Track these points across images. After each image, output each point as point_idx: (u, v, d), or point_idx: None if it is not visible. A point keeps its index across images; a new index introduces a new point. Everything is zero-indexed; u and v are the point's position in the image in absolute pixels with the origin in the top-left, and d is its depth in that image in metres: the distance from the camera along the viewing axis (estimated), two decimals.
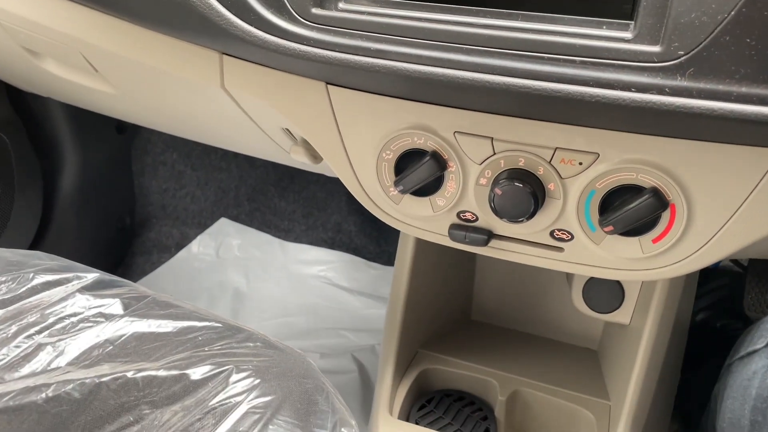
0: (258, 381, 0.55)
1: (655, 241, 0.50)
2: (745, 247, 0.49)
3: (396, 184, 0.55)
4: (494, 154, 0.52)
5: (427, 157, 0.53)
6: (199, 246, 1.42)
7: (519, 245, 0.56)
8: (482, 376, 0.76)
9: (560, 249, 0.54)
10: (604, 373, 0.80)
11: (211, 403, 0.53)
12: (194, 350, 0.57)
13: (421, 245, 0.78)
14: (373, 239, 1.37)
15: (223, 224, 1.44)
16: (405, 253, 0.78)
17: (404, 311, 0.77)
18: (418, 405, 0.75)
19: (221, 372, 0.54)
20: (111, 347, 0.61)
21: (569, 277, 0.82)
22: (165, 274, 1.38)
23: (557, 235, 0.54)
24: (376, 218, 1.47)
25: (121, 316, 0.65)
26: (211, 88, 0.60)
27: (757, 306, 0.89)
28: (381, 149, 0.55)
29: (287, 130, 0.66)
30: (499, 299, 0.97)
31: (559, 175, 0.51)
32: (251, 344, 0.58)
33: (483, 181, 0.53)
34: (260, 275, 1.37)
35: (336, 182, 1.45)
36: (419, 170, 0.54)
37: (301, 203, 1.42)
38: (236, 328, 0.60)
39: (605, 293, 0.74)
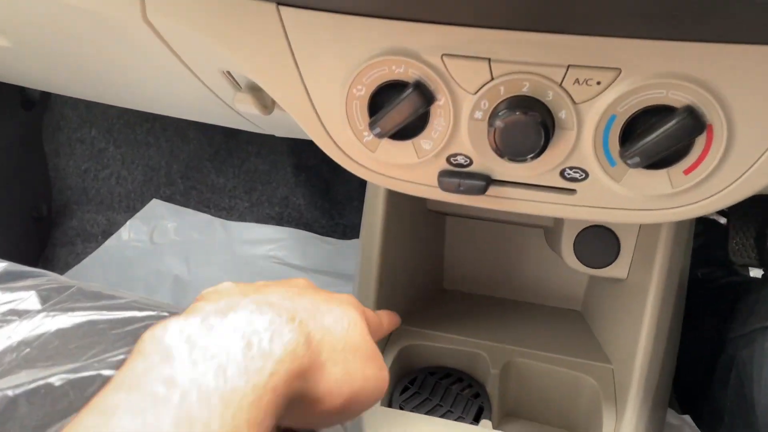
0: None
1: (687, 171, 0.42)
2: None
3: (371, 126, 0.45)
4: (492, 79, 0.42)
5: (409, 90, 0.43)
6: (130, 232, 1.27)
7: (522, 191, 0.47)
8: (469, 348, 0.68)
9: (572, 191, 0.46)
10: (597, 335, 0.74)
11: None
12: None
13: (392, 211, 0.68)
14: (325, 212, 1.27)
15: (156, 206, 1.30)
16: (374, 221, 0.68)
17: (377, 286, 0.67)
18: (400, 387, 0.67)
19: None
20: (28, 350, 0.49)
21: (554, 232, 0.75)
22: (92, 265, 1.23)
23: (569, 174, 0.45)
24: (328, 189, 1.36)
25: (39, 311, 0.53)
26: (131, 26, 0.48)
27: (742, 251, 0.85)
28: (350, 84, 0.45)
29: (228, 73, 0.55)
30: (471, 265, 0.89)
31: (572, 100, 0.42)
32: None
33: (479, 114, 0.44)
34: (202, 260, 1.24)
35: (280, 153, 1.33)
36: (400, 106, 0.44)
37: (241, 178, 1.30)
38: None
39: (600, 246, 0.67)
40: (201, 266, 1.23)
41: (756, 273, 0.92)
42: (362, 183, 1.36)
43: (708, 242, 0.96)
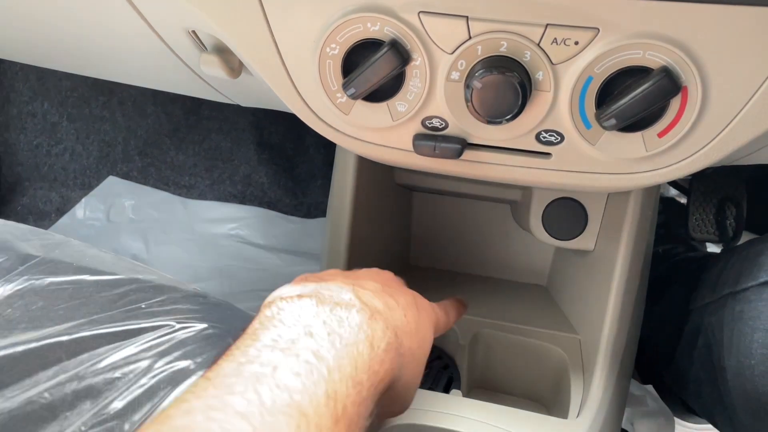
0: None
1: (661, 134, 0.42)
2: (755, 139, 0.42)
3: (345, 87, 0.44)
4: (469, 38, 0.42)
5: (385, 48, 0.42)
6: (86, 210, 1.23)
7: (497, 155, 0.47)
8: None
9: (547, 155, 0.46)
10: (563, 308, 0.74)
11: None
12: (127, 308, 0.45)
13: (361, 186, 0.67)
14: (288, 190, 1.25)
15: (112, 183, 1.25)
16: (343, 196, 0.67)
17: (347, 264, 0.66)
18: None
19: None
20: (9, 310, 0.47)
21: (522, 206, 0.75)
22: None
23: (544, 137, 0.45)
24: (292, 167, 1.33)
25: (18, 273, 0.50)
26: None
27: (702, 227, 0.87)
28: (324, 43, 0.43)
29: (194, 33, 0.52)
30: (438, 241, 0.89)
31: (550, 61, 0.41)
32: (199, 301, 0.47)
33: (455, 75, 0.43)
34: (161, 239, 1.21)
35: (242, 129, 1.30)
36: (375, 66, 0.43)
37: (202, 155, 1.26)
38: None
39: (567, 219, 0.67)
40: (160, 245, 1.20)
41: (714, 249, 0.94)
42: (326, 161, 1.35)
43: (668, 220, 0.98)
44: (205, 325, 0.49)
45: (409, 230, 0.89)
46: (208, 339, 0.48)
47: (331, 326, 0.35)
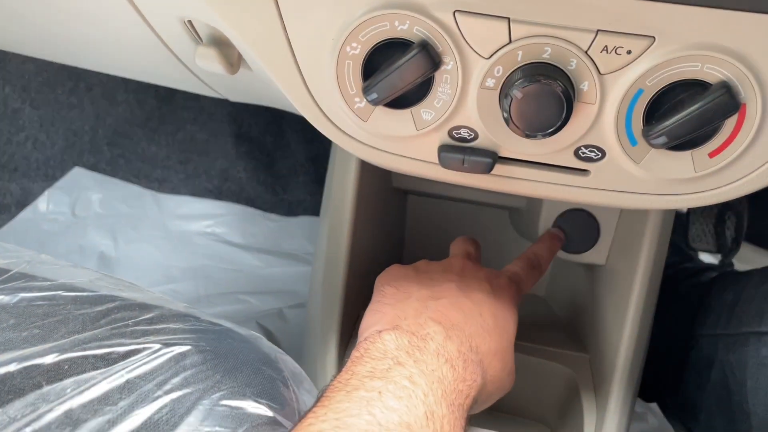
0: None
1: (712, 154, 0.39)
2: None
3: (366, 91, 0.39)
4: (510, 42, 0.37)
5: (415, 51, 0.38)
6: (49, 203, 1.15)
7: (530, 170, 0.43)
8: None
9: (585, 172, 0.42)
10: (565, 321, 0.72)
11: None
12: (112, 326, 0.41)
13: (361, 190, 0.63)
14: (268, 186, 1.19)
15: (78, 175, 1.18)
16: (343, 200, 0.62)
17: (346, 271, 0.62)
18: None
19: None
20: None
21: (526, 215, 0.72)
22: (4, 239, 1.10)
23: (584, 153, 0.41)
24: (272, 162, 1.27)
25: None
26: None
27: (702, 237, 0.85)
28: (344, 41, 0.39)
29: (189, 23, 0.47)
30: (431, 245, 0.85)
31: (598, 70, 0.37)
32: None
33: (491, 82, 0.39)
34: (131, 236, 1.14)
35: (220, 121, 1.23)
36: (402, 69, 0.38)
37: (176, 147, 1.20)
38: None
39: (579, 231, 0.64)
40: (130, 243, 1.13)
41: (710, 258, 0.93)
42: (309, 156, 1.29)
43: None
44: (201, 347, 0.45)
45: (403, 234, 0.85)
46: (205, 363, 0.43)
47: (414, 355, 0.39)
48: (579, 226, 0.64)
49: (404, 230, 0.84)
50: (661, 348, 0.72)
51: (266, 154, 1.21)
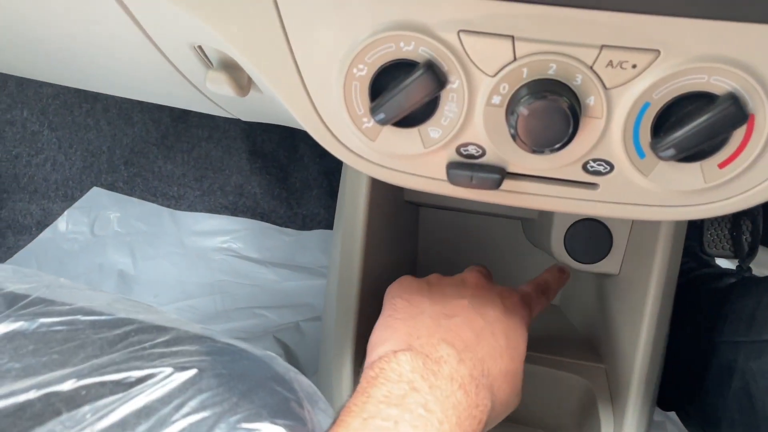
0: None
1: (722, 165, 0.39)
2: None
3: (373, 111, 0.40)
4: (515, 60, 0.38)
5: (420, 71, 0.38)
6: (68, 223, 1.17)
7: (538, 185, 0.43)
8: None
9: (593, 186, 0.42)
10: (581, 330, 0.71)
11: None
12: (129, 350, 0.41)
13: (373, 204, 0.63)
14: (282, 201, 1.20)
15: (96, 195, 1.20)
16: (355, 214, 0.62)
17: (360, 285, 0.62)
18: None
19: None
20: None
21: (538, 226, 0.72)
22: (25, 260, 1.12)
23: (592, 167, 0.41)
24: (286, 176, 1.28)
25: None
26: None
27: (717, 243, 0.84)
28: (351, 63, 0.39)
29: (199, 49, 0.48)
30: (444, 258, 0.86)
31: (603, 85, 0.38)
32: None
33: (497, 99, 0.39)
34: (149, 253, 1.15)
35: (234, 138, 1.25)
36: (408, 90, 0.38)
37: (192, 165, 1.21)
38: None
39: (592, 241, 0.64)
40: (148, 260, 1.15)
41: (727, 263, 0.92)
42: (322, 171, 1.30)
43: None
44: (217, 370, 0.45)
45: (416, 246, 0.85)
46: (222, 386, 0.44)
47: (429, 380, 0.40)
48: (591, 236, 0.63)
49: (417, 243, 0.84)
50: (681, 356, 0.71)
51: (280, 169, 1.22)
